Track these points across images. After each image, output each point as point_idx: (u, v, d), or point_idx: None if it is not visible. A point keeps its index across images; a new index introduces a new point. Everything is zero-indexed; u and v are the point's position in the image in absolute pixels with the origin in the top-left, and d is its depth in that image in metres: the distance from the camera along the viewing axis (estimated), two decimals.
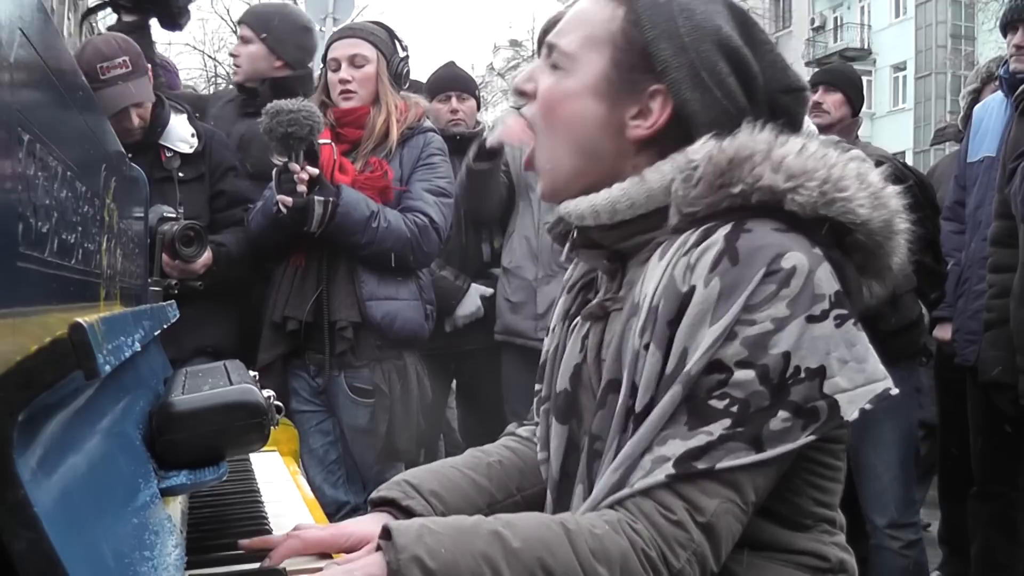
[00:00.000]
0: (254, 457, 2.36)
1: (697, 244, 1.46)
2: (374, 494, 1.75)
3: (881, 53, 40.96)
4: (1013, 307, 3.79)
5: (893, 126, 37.91)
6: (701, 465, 1.37)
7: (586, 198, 1.61)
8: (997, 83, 4.86)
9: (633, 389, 1.48)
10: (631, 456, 1.43)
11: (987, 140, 4.59)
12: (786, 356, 1.38)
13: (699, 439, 1.38)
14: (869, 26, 41.84)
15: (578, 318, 1.72)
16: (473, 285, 4.64)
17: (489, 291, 4.66)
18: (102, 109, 3.46)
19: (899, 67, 39.84)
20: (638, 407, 1.46)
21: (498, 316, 4.57)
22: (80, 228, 1.29)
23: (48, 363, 0.91)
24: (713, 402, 1.39)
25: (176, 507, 1.57)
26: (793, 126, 1.63)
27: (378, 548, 1.39)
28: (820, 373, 1.39)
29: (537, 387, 1.85)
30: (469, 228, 4.75)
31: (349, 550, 1.60)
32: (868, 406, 1.41)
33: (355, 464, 3.90)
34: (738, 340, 1.39)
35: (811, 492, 1.54)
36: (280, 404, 1.78)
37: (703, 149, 1.53)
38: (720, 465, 1.37)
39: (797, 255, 1.42)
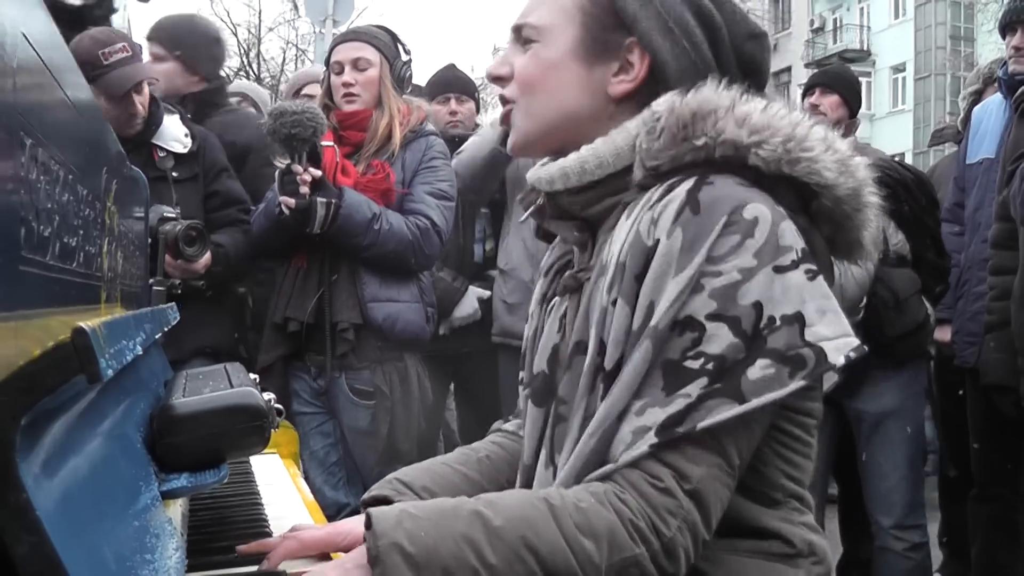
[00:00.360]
0: (254, 459, 2.36)
1: (661, 199, 1.47)
2: (366, 494, 1.75)
3: (880, 54, 40.98)
4: (1014, 309, 3.79)
5: (892, 127, 37.92)
6: (682, 429, 1.37)
7: (555, 163, 1.65)
8: (997, 84, 4.87)
9: (601, 347, 1.49)
10: (607, 419, 1.43)
11: (986, 142, 4.59)
12: (757, 306, 1.38)
13: (678, 403, 1.38)
14: (868, 27, 41.86)
15: (555, 299, 1.74)
16: (471, 287, 4.64)
17: (486, 293, 4.67)
18: (109, 94, 3.52)
19: (898, 68, 39.89)
20: (608, 364, 1.47)
21: (495, 318, 4.57)
22: (81, 231, 1.30)
23: (51, 367, 0.91)
24: (688, 363, 1.39)
25: (177, 510, 1.57)
26: (759, 76, 1.67)
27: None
28: (799, 320, 1.39)
29: (521, 375, 1.85)
30: (467, 228, 4.76)
31: (346, 549, 1.60)
32: (852, 354, 1.41)
33: (356, 466, 3.90)
34: (706, 292, 1.39)
35: (780, 464, 1.54)
36: (280, 407, 1.78)
37: (666, 101, 1.55)
38: (702, 424, 1.36)
39: (759, 206, 1.43)
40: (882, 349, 3.89)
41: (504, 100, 1.73)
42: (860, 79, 5.12)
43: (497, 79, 1.73)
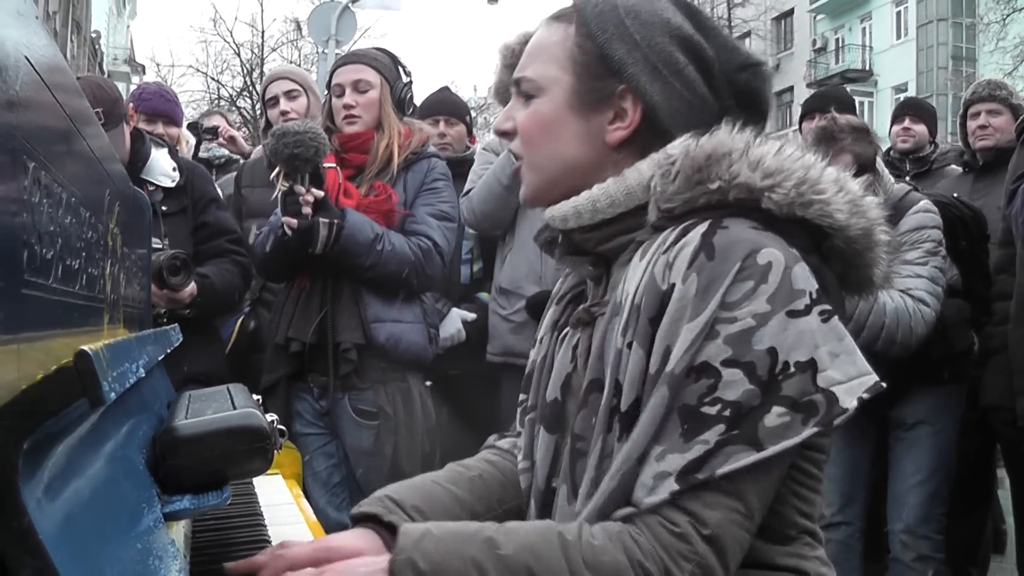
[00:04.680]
0: (257, 480, 2.35)
1: (676, 242, 1.49)
2: (355, 509, 1.75)
3: (882, 74, 41.01)
4: (1011, 328, 3.82)
5: None
6: (702, 475, 1.38)
7: (567, 201, 1.67)
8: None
9: (617, 388, 1.50)
10: (627, 461, 1.44)
11: None
12: (772, 352, 1.39)
13: (696, 450, 1.38)
14: (871, 47, 41.95)
15: (568, 328, 1.75)
16: (454, 310, 4.62)
17: (471, 316, 4.63)
18: None
19: (900, 88, 39.81)
20: (623, 406, 1.48)
21: (495, 337, 4.49)
22: (84, 254, 1.30)
23: (54, 391, 0.91)
24: (705, 408, 1.39)
25: (179, 531, 1.57)
26: (758, 105, 1.70)
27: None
28: (811, 366, 1.40)
29: (522, 397, 1.89)
30: (454, 249, 4.74)
31: None
32: (866, 395, 1.42)
33: (359, 487, 3.89)
34: (720, 338, 1.40)
35: (793, 501, 1.54)
36: (283, 428, 1.78)
37: (681, 145, 1.57)
38: (720, 471, 1.37)
39: (772, 251, 1.44)
40: (925, 371, 3.99)
41: (516, 155, 1.75)
42: (862, 99, 5.20)
43: (503, 134, 1.77)
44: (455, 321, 4.59)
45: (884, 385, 1.45)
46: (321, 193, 3.62)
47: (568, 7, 1.71)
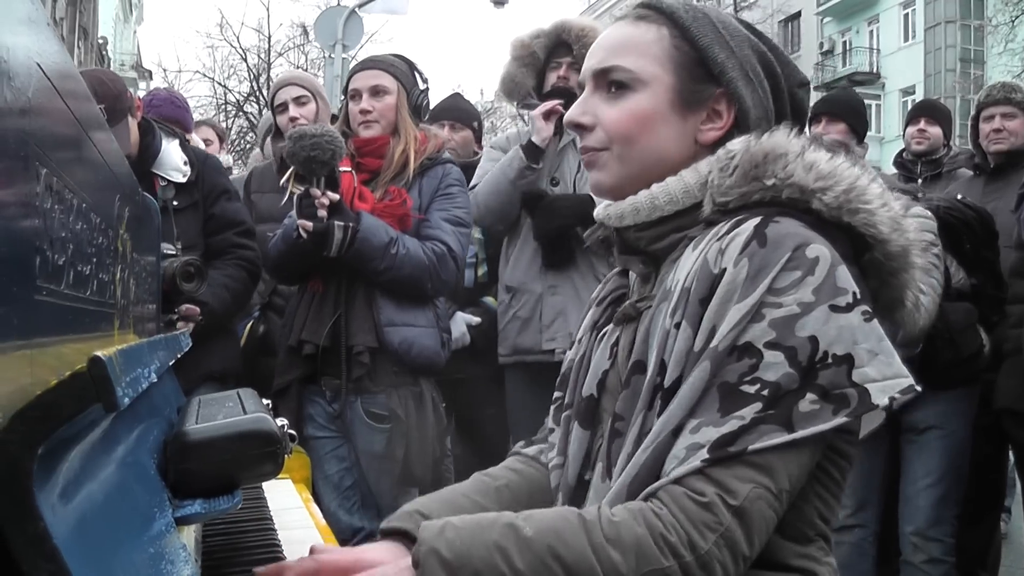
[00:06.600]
0: (267, 485, 2.35)
1: (729, 232, 1.54)
2: (385, 524, 1.75)
3: (890, 77, 40.93)
4: None
5: None
6: (734, 449, 1.42)
7: (626, 200, 1.72)
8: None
9: (662, 367, 1.54)
10: (661, 432, 1.48)
11: None
12: (813, 340, 1.44)
13: (731, 424, 1.43)
14: (878, 50, 41.86)
15: (607, 327, 1.79)
16: (459, 313, 4.63)
17: (475, 320, 4.65)
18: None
19: (908, 91, 39.74)
20: (667, 383, 1.52)
21: (505, 338, 4.52)
22: (95, 259, 1.30)
23: (68, 397, 0.91)
24: (745, 387, 1.44)
25: (191, 535, 1.57)
26: (803, 120, 1.81)
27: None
28: (848, 361, 1.44)
29: (556, 395, 1.91)
30: None
31: None
32: (898, 396, 1.46)
33: (370, 490, 3.89)
34: (766, 321, 1.45)
35: (816, 503, 1.58)
36: (294, 432, 1.79)
37: (741, 142, 1.64)
38: (753, 447, 1.41)
39: (820, 248, 1.49)
40: (934, 375, 3.96)
41: (587, 149, 1.77)
42: (870, 102, 5.19)
43: (579, 127, 1.77)
44: (459, 325, 4.61)
45: (919, 389, 1.48)
46: (336, 196, 3.63)
47: (645, 9, 1.76)
